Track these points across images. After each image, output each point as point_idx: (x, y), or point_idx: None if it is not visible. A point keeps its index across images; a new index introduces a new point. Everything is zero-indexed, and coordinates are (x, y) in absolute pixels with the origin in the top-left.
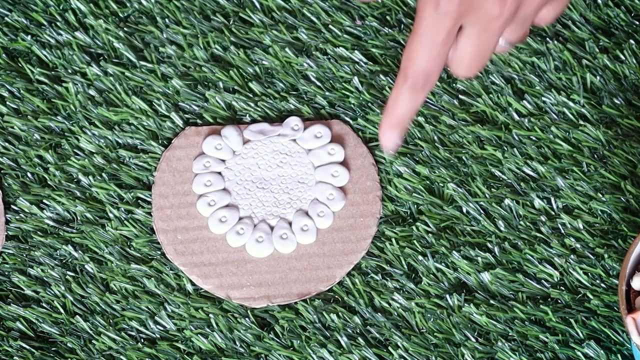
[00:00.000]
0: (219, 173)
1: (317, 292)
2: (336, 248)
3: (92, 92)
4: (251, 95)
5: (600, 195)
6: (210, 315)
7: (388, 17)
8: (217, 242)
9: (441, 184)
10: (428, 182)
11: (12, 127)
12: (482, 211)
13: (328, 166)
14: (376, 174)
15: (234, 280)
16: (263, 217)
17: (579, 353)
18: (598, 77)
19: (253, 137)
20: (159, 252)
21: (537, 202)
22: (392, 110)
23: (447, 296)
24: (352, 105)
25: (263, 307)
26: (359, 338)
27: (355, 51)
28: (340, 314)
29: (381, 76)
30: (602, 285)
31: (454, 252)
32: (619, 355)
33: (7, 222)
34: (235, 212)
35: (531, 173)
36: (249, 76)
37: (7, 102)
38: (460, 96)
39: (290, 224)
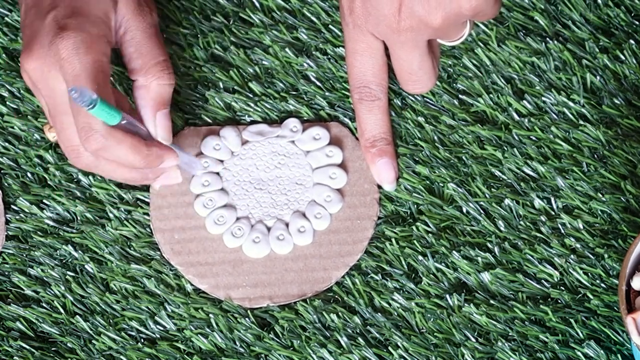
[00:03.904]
0: (217, 173)
1: (313, 294)
2: (333, 250)
3: None
4: (251, 96)
5: (600, 195)
6: (210, 315)
7: None
8: (214, 242)
9: (441, 184)
10: (428, 182)
11: (12, 127)
12: (482, 211)
13: (326, 168)
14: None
15: (230, 280)
16: (260, 217)
17: (579, 353)
18: (598, 77)
19: (252, 138)
20: (159, 252)
21: (537, 202)
22: (362, 133)
23: (447, 296)
24: (352, 106)
25: (262, 307)
26: (359, 338)
27: None
28: (340, 314)
29: None
30: (602, 285)
31: (454, 252)
32: (619, 355)
33: (7, 222)
34: (233, 213)
35: (531, 173)
36: (249, 76)
37: (7, 102)
38: (460, 96)
39: (287, 225)
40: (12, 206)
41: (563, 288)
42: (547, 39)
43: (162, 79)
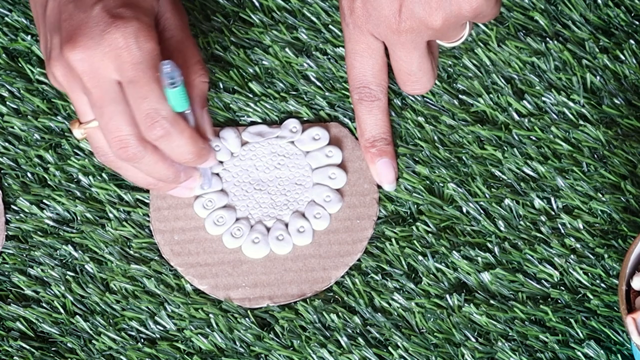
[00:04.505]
0: (217, 174)
1: (313, 293)
2: (332, 250)
3: None
4: (251, 96)
5: (600, 195)
6: (210, 315)
7: None
8: (213, 242)
9: (441, 184)
10: (428, 182)
11: (12, 127)
12: (482, 211)
13: (325, 168)
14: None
15: (230, 280)
16: (260, 218)
17: (579, 353)
18: (598, 77)
19: (251, 138)
20: (159, 253)
21: (537, 202)
22: (362, 133)
23: (447, 296)
24: (352, 106)
25: (262, 307)
26: (359, 338)
27: None
28: (340, 314)
29: None
30: (602, 285)
31: (454, 252)
32: (619, 355)
33: (7, 222)
34: (232, 213)
35: (531, 173)
36: (249, 76)
37: (7, 102)
38: (460, 96)
39: (286, 225)
40: (12, 206)
41: (563, 288)
42: (547, 39)
43: (203, 76)
